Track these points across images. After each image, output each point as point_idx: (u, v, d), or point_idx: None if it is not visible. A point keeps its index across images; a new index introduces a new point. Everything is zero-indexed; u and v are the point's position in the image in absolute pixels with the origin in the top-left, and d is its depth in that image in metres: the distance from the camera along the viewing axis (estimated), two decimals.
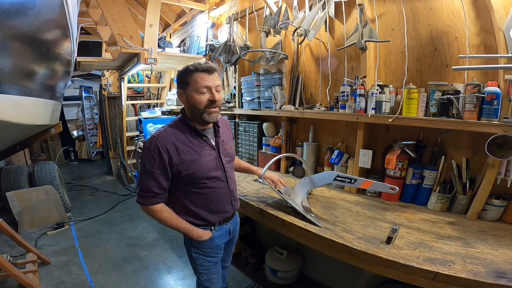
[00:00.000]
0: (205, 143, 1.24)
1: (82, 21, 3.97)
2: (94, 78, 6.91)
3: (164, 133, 1.18)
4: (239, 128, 2.80)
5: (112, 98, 5.52)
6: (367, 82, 1.70)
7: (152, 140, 1.15)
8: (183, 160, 1.16)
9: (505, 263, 1.05)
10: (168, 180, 1.19)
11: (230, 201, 1.35)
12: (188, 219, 1.26)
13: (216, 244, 1.35)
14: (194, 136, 1.22)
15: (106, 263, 2.55)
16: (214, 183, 1.25)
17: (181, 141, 1.18)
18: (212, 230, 1.31)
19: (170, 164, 1.15)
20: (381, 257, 1.11)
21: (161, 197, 1.21)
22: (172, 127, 1.22)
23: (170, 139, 1.16)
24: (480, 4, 1.37)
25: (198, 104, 1.15)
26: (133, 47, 2.90)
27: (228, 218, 1.38)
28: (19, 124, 1.62)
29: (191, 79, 1.14)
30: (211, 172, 1.23)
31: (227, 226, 1.38)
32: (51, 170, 3.72)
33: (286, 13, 2.06)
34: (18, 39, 1.28)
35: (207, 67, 1.14)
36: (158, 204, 1.20)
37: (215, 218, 1.31)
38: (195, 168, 1.18)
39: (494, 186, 1.34)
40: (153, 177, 1.15)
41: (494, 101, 1.25)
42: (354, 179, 1.40)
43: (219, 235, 1.35)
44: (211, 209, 1.28)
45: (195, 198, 1.25)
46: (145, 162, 1.16)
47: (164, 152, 1.13)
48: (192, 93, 1.15)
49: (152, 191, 1.17)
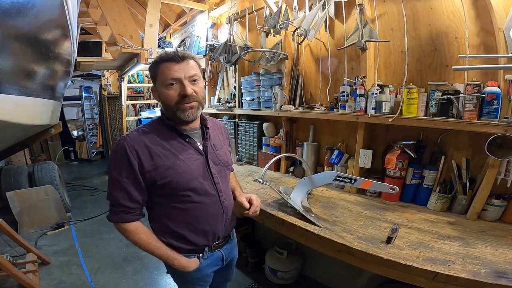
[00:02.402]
0: (188, 145, 1.03)
1: (82, 21, 3.96)
2: (94, 78, 6.92)
3: (135, 133, 0.99)
4: (239, 128, 2.80)
5: (112, 98, 5.52)
6: (367, 82, 1.70)
7: (119, 142, 0.95)
8: (158, 165, 0.95)
9: (505, 263, 1.05)
10: (142, 190, 0.97)
11: (223, 220, 1.10)
12: (170, 241, 1.03)
13: (204, 274, 1.14)
14: (174, 137, 1.02)
15: (106, 263, 2.55)
16: (200, 196, 1.02)
17: (156, 142, 0.97)
18: (200, 258, 1.09)
19: (141, 170, 0.94)
20: (381, 257, 1.11)
21: (135, 212, 0.98)
22: (147, 127, 1.03)
23: (141, 140, 0.96)
24: (480, 4, 1.37)
25: (168, 100, 0.96)
26: (133, 47, 2.90)
27: (220, 243, 1.14)
28: (19, 124, 1.62)
29: (158, 72, 0.96)
30: (194, 182, 1.00)
31: (219, 253, 1.15)
32: (51, 170, 3.72)
33: (286, 13, 2.06)
34: (18, 39, 1.27)
35: (173, 55, 0.94)
36: (132, 223, 0.97)
37: (203, 240, 1.07)
38: (173, 175, 0.96)
39: (494, 186, 1.34)
40: (121, 187, 0.94)
41: (494, 101, 1.24)
42: (354, 179, 1.40)
43: (208, 264, 1.13)
44: (197, 229, 1.05)
45: (176, 215, 1.02)
46: (112, 169, 0.96)
47: (132, 156, 0.93)
48: (160, 88, 0.97)
49: (122, 204, 0.95)
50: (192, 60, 0.99)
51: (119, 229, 0.99)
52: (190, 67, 0.96)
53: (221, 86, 3.16)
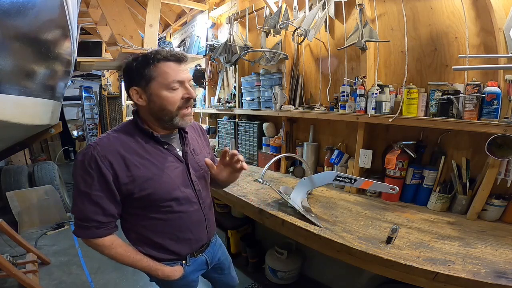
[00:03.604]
0: (168, 152, 0.95)
1: (82, 21, 3.97)
2: (94, 78, 6.92)
3: (106, 140, 0.86)
4: (239, 128, 2.80)
5: (112, 98, 5.53)
6: (367, 82, 1.70)
7: (88, 151, 0.83)
8: (135, 177, 0.85)
9: (505, 263, 1.05)
10: (117, 204, 0.88)
11: (205, 227, 1.07)
12: (150, 252, 0.96)
13: (190, 280, 1.10)
14: (151, 144, 0.92)
15: (106, 263, 2.55)
16: (182, 206, 0.95)
17: (131, 150, 0.87)
18: (184, 265, 1.04)
19: (116, 183, 0.84)
20: (381, 257, 1.11)
21: (109, 226, 0.89)
22: (119, 131, 0.90)
23: (115, 148, 0.84)
24: (480, 4, 1.37)
25: (170, 105, 0.87)
26: (133, 47, 2.90)
27: (202, 247, 1.10)
28: (19, 124, 1.61)
29: (157, 72, 0.85)
30: (176, 192, 0.93)
31: (202, 257, 1.11)
32: (51, 170, 3.72)
33: (286, 13, 2.06)
34: (18, 39, 1.27)
35: (179, 55, 0.87)
36: (106, 237, 0.88)
37: (186, 249, 1.02)
38: (153, 187, 0.88)
39: (494, 186, 1.34)
40: (91, 201, 0.83)
41: (494, 101, 1.24)
42: (354, 179, 1.40)
43: (193, 270, 1.09)
44: (179, 238, 0.99)
45: (155, 225, 0.95)
46: (79, 182, 0.83)
47: (105, 166, 0.82)
48: (159, 91, 0.86)
49: (93, 219, 0.85)
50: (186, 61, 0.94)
51: (89, 244, 0.89)
52: (187, 69, 0.92)
53: (221, 86, 3.16)
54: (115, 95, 5.48)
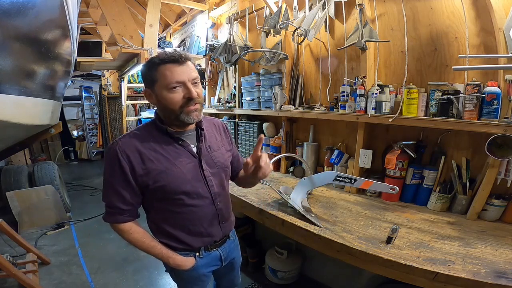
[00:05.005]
0: (182, 149, 1.02)
1: (82, 21, 3.97)
2: (94, 78, 6.92)
3: (127, 137, 0.98)
4: (239, 128, 2.80)
5: (112, 98, 5.54)
6: (367, 82, 1.70)
7: (112, 146, 0.96)
8: (150, 169, 0.95)
9: (505, 263, 1.05)
10: (135, 194, 0.98)
11: (218, 222, 1.11)
12: (165, 241, 1.06)
13: (201, 273, 1.13)
14: (167, 140, 1.00)
15: (106, 263, 2.55)
16: (193, 200, 1.02)
17: (148, 146, 0.97)
18: (196, 257, 1.09)
19: (133, 174, 0.94)
20: (381, 257, 1.11)
21: (129, 214, 1.01)
22: (140, 130, 1.02)
23: (133, 144, 0.95)
24: (480, 4, 1.37)
25: (172, 105, 0.93)
26: (133, 47, 2.90)
27: (216, 243, 1.14)
28: (19, 124, 1.62)
29: (158, 74, 0.91)
30: (187, 186, 0.99)
31: (216, 252, 1.15)
32: (51, 170, 3.72)
33: (286, 13, 2.06)
34: (18, 39, 1.27)
35: (176, 56, 0.91)
36: (126, 223, 1.00)
37: (197, 242, 1.08)
38: (165, 180, 0.96)
39: (494, 186, 1.34)
40: (114, 189, 0.96)
41: (494, 101, 1.25)
42: (354, 179, 1.40)
43: (205, 263, 1.12)
44: (191, 231, 1.06)
45: (172, 218, 1.04)
46: (106, 172, 0.98)
47: (124, 159, 0.93)
48: (161, 92, 0.92)
49: (116, 206, 0.98)
50: (191, 62, 0.97)
51: (114, 229, 1.02)
52: (191, 69, 0.95)
53: (221, 86, 3.16)
54: (115, 95, 5.48)
